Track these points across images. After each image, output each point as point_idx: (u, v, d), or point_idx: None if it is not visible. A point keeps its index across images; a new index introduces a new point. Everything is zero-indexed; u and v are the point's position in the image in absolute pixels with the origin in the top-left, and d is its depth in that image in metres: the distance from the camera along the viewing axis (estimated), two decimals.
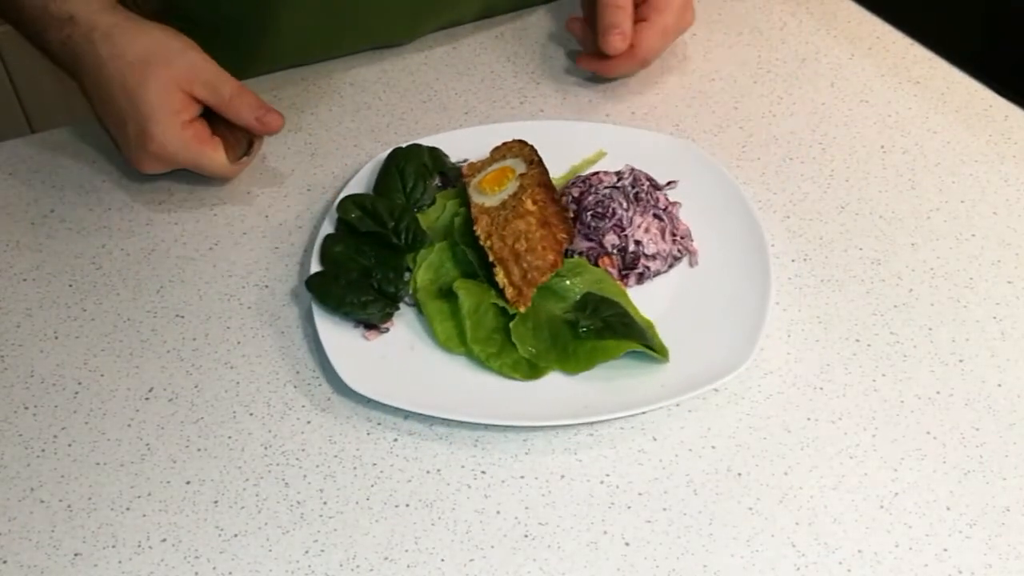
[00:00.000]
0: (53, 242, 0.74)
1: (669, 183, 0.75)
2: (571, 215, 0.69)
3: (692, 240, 0.71)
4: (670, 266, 0.69)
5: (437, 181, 0.75)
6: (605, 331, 0.62)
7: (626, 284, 0.68)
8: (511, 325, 0.63)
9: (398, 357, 0.64)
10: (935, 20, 1.02)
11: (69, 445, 0.61)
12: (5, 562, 0.55)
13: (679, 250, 0.70)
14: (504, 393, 0.62)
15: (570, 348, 0.63)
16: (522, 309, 0.63)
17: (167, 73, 0.72)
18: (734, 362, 0.61)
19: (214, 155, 0.74)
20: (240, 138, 0.76)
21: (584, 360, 0.62)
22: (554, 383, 0.62)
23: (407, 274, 0.68)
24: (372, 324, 0.65)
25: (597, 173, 0.73)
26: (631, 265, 0.68)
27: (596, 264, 0.68)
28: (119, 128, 0.74)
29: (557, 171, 0.75)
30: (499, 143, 0.75)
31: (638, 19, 0.82)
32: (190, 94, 0.72)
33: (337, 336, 0.64)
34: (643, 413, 0.61)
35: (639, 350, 0.62)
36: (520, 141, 0.74)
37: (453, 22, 0.93)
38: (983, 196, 0.76)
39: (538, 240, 0.64)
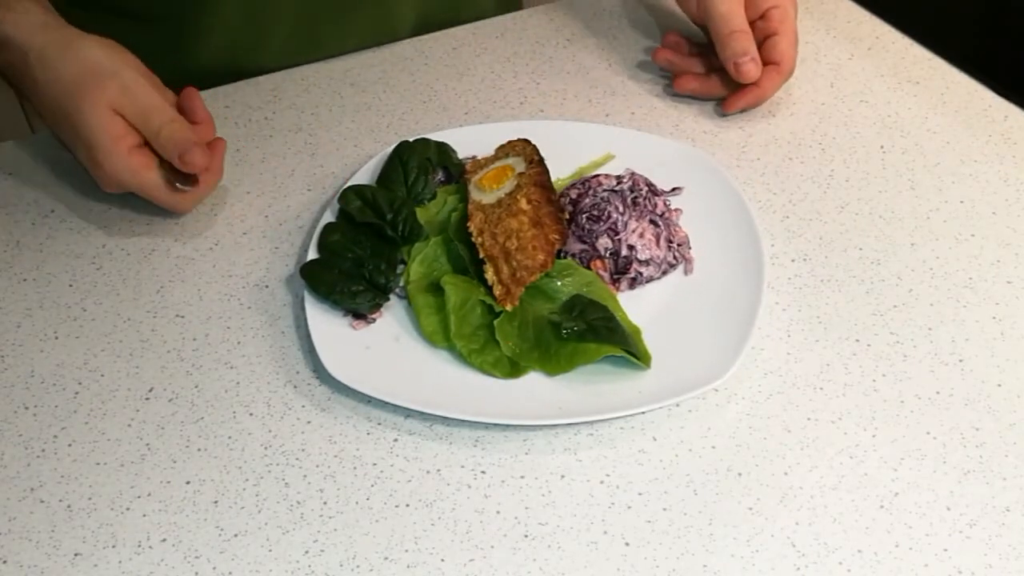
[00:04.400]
0: (53, 242, 0.74)
1: (674, 189, 0.74)
2: (567, 216, 0.69)
3: (690, 248, 0.70)
4: (664, 273, 0.69)
5: (440, 176, 0.75)
6: (587, 334, 0.62)
7: (618, 288, 0.68)
8: (495, 323, 0.63)
9: (382, 348, 0.64)
10: (935, 20, 1.02)
11: (69, 445, 0.61)
12: (5, 562, 0.55)
13: (675, 257, 0.69)
14: (503, 392, 0.62)
15: (552, 349, 0.62)
16: (509, 308, 0.63)
17: (101, 97, 0.67)
18: (713, 373, 0.61)
19: (162, 186, 0.70)
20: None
21: (565, 362, 0.62)
22: (555, 383, 0.62)
23: (401, 267, 0.68)
24: (360, 313, 0.66)
25: (598, 176, 0.73)
26: (623, 269, 0.68)
27: (588, 267, 0.68)
28: (72, 151, 0.71)
29: (564, 172, 0.75)
30: (505, 141, 0.75)
31: (766, 34, 0.81)
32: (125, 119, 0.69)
33: (324, 322, 0.65)
34: (643, 413, 0.61)
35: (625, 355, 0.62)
36: (524, 140, 0.74)
37: (386, 34, 0.91)
38: (983, 196, 0.76)
39: (529, 239, 0.64)
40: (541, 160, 0.71)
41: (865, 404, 0.62)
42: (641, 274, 0.68)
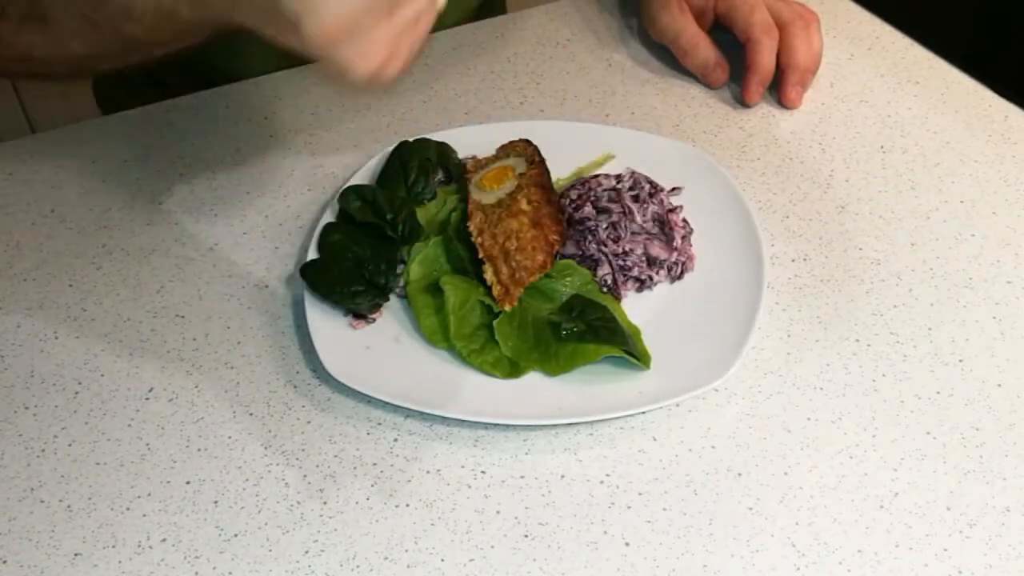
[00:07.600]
0: (53, 242, 0.74)
1: (673, 189, 0.74)
2: (566, 217, 0.69)
3: (691, 245, 0.70)
4: (678, 277, 0.69)
5: (440, 176, 0.75)
6: (587, 334, 0.62)
7: (625, 291, 0.68)
8: (495, 323, 0.63)
9: (382, 348, 0.64)
10: (935, 20, 1.02)
11: (69, 445, 0.61)
12: (5, 562, 0.55)
13: (680, 254, 0.69)
14: (503, 392, 0.62)
15: (552, 349, 0.62)
16: (508, 308, 0.63)
17: None
18: (713, 373, 0.61)
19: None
20: None
21: (564, 362, 0.62)
22: (555, 383, 0.62)
23: (401, 267, 0.68)
24: (360, 313, 0.66)
25: (597, 176, 0.73)
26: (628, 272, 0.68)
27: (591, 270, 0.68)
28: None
29: (564, 172, 0.75)
30: (506, 141, 0.75)
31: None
32: None
33: (324, 322, 0.65)
34: (643, 413, 0.61)
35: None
36: (525, 140, 0.74)
37: None
38: (983, 196, 0.76)
39: (529, 240, 0.64)
40: (542, 160, 0.71)
41: (865, 404, 0.62)
42: (651, 277, 0.68)
